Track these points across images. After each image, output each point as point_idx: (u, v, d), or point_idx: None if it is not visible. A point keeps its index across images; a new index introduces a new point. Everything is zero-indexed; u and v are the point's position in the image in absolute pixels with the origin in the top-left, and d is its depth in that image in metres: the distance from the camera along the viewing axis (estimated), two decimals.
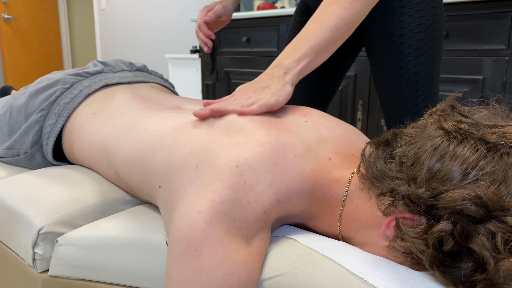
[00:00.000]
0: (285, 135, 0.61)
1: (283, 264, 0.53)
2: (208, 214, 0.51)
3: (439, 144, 0.48)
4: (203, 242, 0.50)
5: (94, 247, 0.68)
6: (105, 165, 0.80)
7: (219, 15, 1.07)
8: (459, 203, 0.43)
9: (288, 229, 0.61)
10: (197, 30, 1.07)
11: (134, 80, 1.03)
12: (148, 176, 0.66)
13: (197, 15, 1.07)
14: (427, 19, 0.91)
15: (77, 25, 5.37)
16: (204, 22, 1.06)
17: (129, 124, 0.76)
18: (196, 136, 0.62)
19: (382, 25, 0.94)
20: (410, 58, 0.92)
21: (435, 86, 0.95)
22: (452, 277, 0.44)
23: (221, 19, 1.10)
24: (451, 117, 0.50)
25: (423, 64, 0.92)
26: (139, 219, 0.71)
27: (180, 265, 0.51)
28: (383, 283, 0.47)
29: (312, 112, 0.72)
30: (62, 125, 0.91)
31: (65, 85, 0.94)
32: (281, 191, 0.56)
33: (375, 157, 0.55)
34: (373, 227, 0.54)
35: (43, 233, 0.71)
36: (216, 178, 0.54)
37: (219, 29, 1.17)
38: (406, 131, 0.55)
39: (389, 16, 0.93)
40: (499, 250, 0.41)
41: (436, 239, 0.44)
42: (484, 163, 0.44)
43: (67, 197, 0.77)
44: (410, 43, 0.91)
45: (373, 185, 0.53)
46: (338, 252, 0.53)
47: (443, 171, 0.45)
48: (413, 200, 0.47)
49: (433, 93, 0.94)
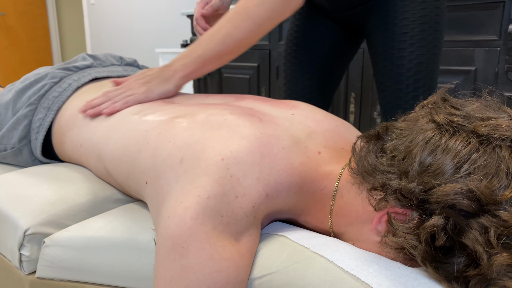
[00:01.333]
0: (271, 128, 0.60)
1: (274, 262, 0.52)
2: (195, 210, 0.50)
3: (431, 137, 0.47)
4: (190, 239, 0.49)
5: (81, 248, 0.66)
6: (95, 159, 0.79)
7: (216, 8, 1.05)
8: (451, 198, 0.42)
9: (279, 226, 0.60)
10: (195, 24, 1.05)
11: (124, 74, 1.01)
12: (134, 172, 0.64)
13: (194, 8, 1.04)
14: (431, 11, 0.90)
15: (66, 20, 5.31)
16: (201, 15, 1.04)
17: (117, 117, 0.75)
18: (180, 130, 0.60)
19: (383, 16, 0.93)
20: (413, 49, 0.90)
21: (434, 79, 0.94)
22: (445, 273, 0.43)
23: (219, 12, 1.07)
24: (442, 110, 0.49)
25: (425, 56, 0.90)
26: (128, 217, 0.69)
27: (167, 263, 0.50)
28: (376, 280, 0.46)
29: (299, 105, 0.71)
30: (51, 119, 0.89)
31: (54, 79, 0.92)
32: (269, 184, 0.55)
33: (366, 151, 0.54)
34: (365, 222, 0.53)
35: (29, 234, 0.69)
36: (201, 173, 0.53)
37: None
38: (397, 124, 0.54)
39: (390, 7, 0.91)
40: (492, 245, 0.40)
41: (428, 234, 0.43)
42: (476, 156, 0.43)
43: (54, 196, 0.75)
44: (414, 33, 0.90)
45: (364, 179, 0.52)
46: (330, 249, 0.52)
47: (435, 165, 0.44)
48: (405, 195, 0.46)
49: (432, 86, 0.93)
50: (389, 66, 0.93)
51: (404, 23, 0.90)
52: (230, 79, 2.64)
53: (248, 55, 2.50)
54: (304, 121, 0.65)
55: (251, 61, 2.49)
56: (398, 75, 0.92)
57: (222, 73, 2.68)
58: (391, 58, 0.93)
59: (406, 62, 0.91)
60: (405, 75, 0.92)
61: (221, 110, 0.64)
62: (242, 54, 2.53)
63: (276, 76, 2.38)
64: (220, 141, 0.56)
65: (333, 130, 0.66)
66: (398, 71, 0.92)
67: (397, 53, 0.92)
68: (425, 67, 0.91)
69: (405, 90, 0.92)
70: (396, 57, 0.92)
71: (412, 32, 0.90)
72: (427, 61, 0.91)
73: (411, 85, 0.92)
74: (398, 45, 0.91)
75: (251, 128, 0.59)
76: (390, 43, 0.92)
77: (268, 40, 2.38)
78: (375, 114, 2.01)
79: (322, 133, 0.64)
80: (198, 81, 2.81)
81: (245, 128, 0.58)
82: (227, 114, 0.62)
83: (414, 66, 0.91)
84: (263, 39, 2.41)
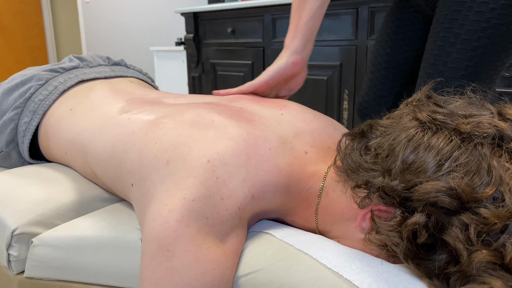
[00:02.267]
0: (258, 128, 0.60)
1: (259, 260, 0.52)
2: (180, 212, 0.50)
3: (413, 135, 0.47)
4: (175, 241, 0.49)
5: (69, 247, 0.66)
6: (82, 161, 0.78)
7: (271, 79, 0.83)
8: (433, 195, 0.42)
9: (265, 224, 0.60)
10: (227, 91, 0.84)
11: (112, 75, 1.01)
12: (121, 174, 0.64)
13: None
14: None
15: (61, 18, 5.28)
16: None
17: (105, 118, 0.74)
18: (166, 131, 0.60)
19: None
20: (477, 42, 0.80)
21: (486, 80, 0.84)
22: (426, 269, 0.43)
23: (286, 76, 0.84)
24: (426, 107, 0.49)
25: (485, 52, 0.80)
26: (115, 217, 0.69)
27: (152, 266, 0.50)
28: (358, 277, 0.46)
29: (289, 104, 0.70)
30: (37, 123, 0.88)
31: (40, 81, 0.91)
32: (255, 185, 0.55)
33: (351, 148, 0.54)
34: (349, 219, 0.54)
35: (17, 234, 0.69)
36: (187, 175, 0.53)
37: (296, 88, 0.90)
38: (381, 122, 0.54)
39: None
40: (472, 242, 0.40)
41: (410, 232, 0.43)
42: (458, 154, 0.43)
43: (42, 196, 0.75)
44: (488, 25, 0.78)
45: (349, 177, 0.53)
46: (314, 247, 0.52)
47: (417, 163, 0.45)
48: (388, 192, 0.46)
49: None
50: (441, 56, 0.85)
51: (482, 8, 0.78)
52: (224, 76, 2.64)
53: (243, 52, 2.50)
54: (292, 121, 0.65)
55: (245, 58, 2.49)
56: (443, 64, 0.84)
57: (216, 71, 2.67)
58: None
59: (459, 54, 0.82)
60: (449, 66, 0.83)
61: (209, 110, 0.64)
62: (237, 51, 2.53)
63: None
64: (206, 142, 0.56)
65: (321, 130, 0.66)
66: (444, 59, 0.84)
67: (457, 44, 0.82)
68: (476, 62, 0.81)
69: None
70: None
71: (486, 23, 0.79)
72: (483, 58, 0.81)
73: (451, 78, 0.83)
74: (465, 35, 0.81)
75: (238, 129, 0.58)
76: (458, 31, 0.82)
77: (262, 37, 2.38)
78: None
79: (310, 133, 0.64)
80: (193, 79, 2.81)
81: (232, 129, 0.58)
82: (215, 115, 0.62)
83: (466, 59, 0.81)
84: (257, 36, 2.41)
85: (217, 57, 2.65)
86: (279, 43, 2.31)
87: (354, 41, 2.01)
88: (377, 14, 1.91)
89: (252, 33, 2.44)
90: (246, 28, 2.46)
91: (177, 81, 3.05)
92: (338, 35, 2.06)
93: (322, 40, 2.12)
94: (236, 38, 2.53)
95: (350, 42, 2.03)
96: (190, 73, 2.82)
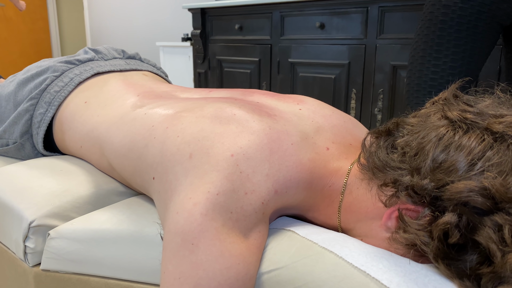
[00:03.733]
0: (280, 123, 0.59)
1: (283, 257, 0.52)
2: (205, 206, 0.50)
3: (444, 134, 0.46)
4: (200, 235, 0.49)
5: (87, 240, 0.66)
6: (98, 155, 0.78)
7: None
8: (465, 195, 0.42)
9: (287, 221, 0.60)
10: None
11: (126, 68, 1.00)
12: (141, 168, 0.64)
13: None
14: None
15: (66, 12, 5.27)
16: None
17: (120, 113, 0.74)
18: (188, 125, 0.60)
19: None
20: None
21: None
22: (457, 270, 0.43)
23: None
24: (455, 106, 0.49)
25: None
26: (133, 211, 0.69)
27: (176, 259, 0.50)
28: (386, 276, 0.46)
29: (306, 99, 0.70)
30: (52, 114, 0.88)
31: (55, 73, 0.91)
32: (278, 181, 0.54)
33: (376, 147, 0.53)
34: (374, 218, 0.53)
35: (34, 226, 0.69)
36: (211, 169, 0.53)
37: None
38: (408, 120, 0.53)
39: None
40: (506, 243, 0.40)
41: (441, 231, 0.43)
42: (490, 153, 0.43)
43: (59, 188, 0.75)
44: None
45: (375, 175, 0.52)
46: (339, 245, 0.52)
47: (449, 162, 0.44)
48: (417, 191, 0.46)
49: None
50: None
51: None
52: (231, 73, 2.63)
53: (250, 49, 2.49)
54: (312, 116, 0.65)
55: (253, 55, 2.49)
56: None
57: (223, 68, 2.67)
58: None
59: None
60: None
61: (229, 104, 0.63)
62: (244, 48, 2.52)
63: (278, 70, 2.37)
64: (229, 136, 0.56)
65: (341, 126, 0.65)
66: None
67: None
68: None
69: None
70: None
71: None
72: None
73: None
74: None
75: (260, 123, 0.58)
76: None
77: (270, 34, 2.37)
78: (375, 110, 2.01)
79: (330, 129, 0.63)
80: (199, 75, 2.80)
81: (254, 123, 0.58)
82: (236, 109, 0.61)
83: None
84: (264, 33, 2.40)
85: (224, 54, 2.64)
86: (287, 40, 2.30)
87: (363, 40, 2.00)
88: (387, 13, 1.90)
89: (260, 30, 2.43)
90: (254, 25, 2.46)
91: (183, 77, 3.05)
92: (347, 33, 2.06)
93: (331, 39, 2.11)
94: (243, 34, 2.52)
95: (359, 41, 2.02)
96: (196, 69, 2.82)
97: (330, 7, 2.08)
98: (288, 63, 2.31)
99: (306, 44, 2.22)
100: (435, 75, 0.98)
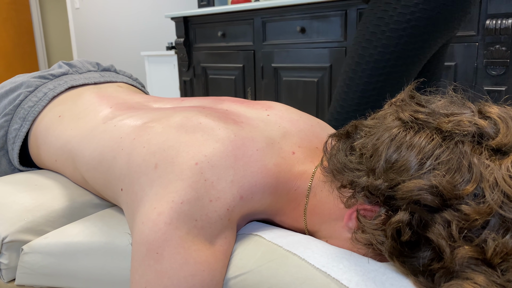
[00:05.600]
0: (246, 130, 0.60)
1: (248, 262, 0.53)
2: (169, 215, 0.50)
3: (396, 135, 0.47)
4: (164, 244, 0.49)
5: (60, 254, 0.66)
6: (71, 168, 0.79)
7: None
8: (415, 193, 0.43)
9: (255, 226, 0.61)
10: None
11: (101, 80, 1.01)
12: (110, 180, 0.64)
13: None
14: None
15: (51, 25, 5.27)
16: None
17: (91, 126, 0.74)
18: (154, 135, 0.60)
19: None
20: None
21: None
22: (411, 267, 0.44)
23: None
24: (408, 107, 0.50)
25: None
26: (105, 222, 0.69)
27: (142, 269, 0.50)
28: (346, 276, 0.47)
29: (275, 105, 0.71)
30: (27, 129, 0.88)
31: (29, 88, 0.91)
32: (243, 187, 0.55)
33: (337, 149, 0.55)
34: (337, 219, 0.54)
35: (7, 242, 0.69)
36: (175, 178, 0.53)
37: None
38: (366, 122, 0.54)
39: None
40: (454, 238, 0.41)
41: (394, 230, 0.44)
42: (439, 152, 0.44)
43: (32, 203, 0.75)
44: None
45: (335, 177, 0.53)
46: (302, 247, 0.53)
47: (400, 162, 0.45)
48: (372, 192, 0.47)
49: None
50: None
51: None
52: (216, 80, 2.64)
53: (233, 56, 2.50)
54: (279, 121, 0.66)
55: (236, 62, 2.50)
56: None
57: (208, 75, 2.68)
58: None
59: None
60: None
61: (196, 113, 0.64)
62: (227, 54, 2.53)
63: (262, 76, 2.39)
64: (194, 145, 0.57)
65: (308, 130, 0.66)
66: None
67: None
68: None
69: None
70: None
71: None
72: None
73: None
74: None
75: (225, 130, 0.59)
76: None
77: (252, 40, 2.39)
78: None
79: (297, 133, 0.64)
80: (185, 83, 2.81)
81: (219, 131, 0.59)
82: (202, 117, 0.62)
83: None
84: (247, 39, 2.42)
85: (208, 61, 2.65)
86: (270, 45, 2.32)
87: (344, 42, 2.03)
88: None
89: (243, 36, 2.45)
90: (236, 32, 2.47)
91: (169, 86, 3.05)
92: (327, 37, 2.08)
93: (312, 42, 2.13)
94: (226, 41, 2.54)
95: (339, 43, 2.04)
96: (182, 77, 2.83)
97: (310, 11, 2.10)
98: (272, 68, 2.33)
99: (288, 49, 2.23)
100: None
